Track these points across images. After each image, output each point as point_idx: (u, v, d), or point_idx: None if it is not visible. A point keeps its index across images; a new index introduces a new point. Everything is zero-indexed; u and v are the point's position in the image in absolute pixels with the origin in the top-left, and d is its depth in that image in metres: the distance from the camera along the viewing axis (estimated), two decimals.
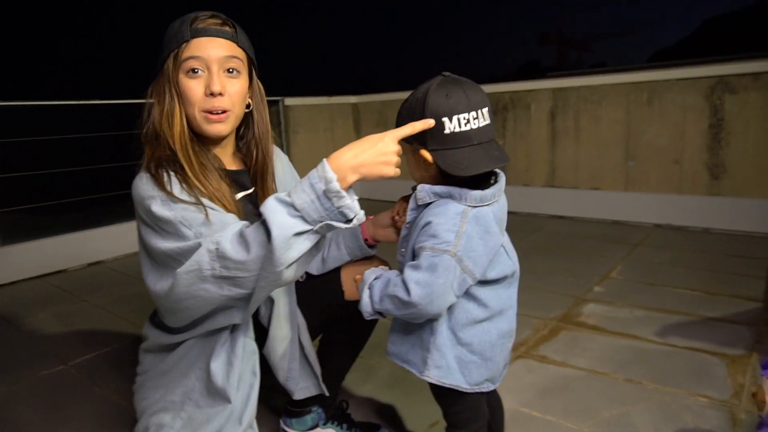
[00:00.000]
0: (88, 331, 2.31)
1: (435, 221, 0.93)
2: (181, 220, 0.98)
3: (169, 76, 1.05)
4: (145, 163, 1.06)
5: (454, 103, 0.92)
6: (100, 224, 3.48)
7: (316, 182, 0.86)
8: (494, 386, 1.06)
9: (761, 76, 3.15)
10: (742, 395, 1.56)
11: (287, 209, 0.87)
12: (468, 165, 0.92)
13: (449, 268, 0.91)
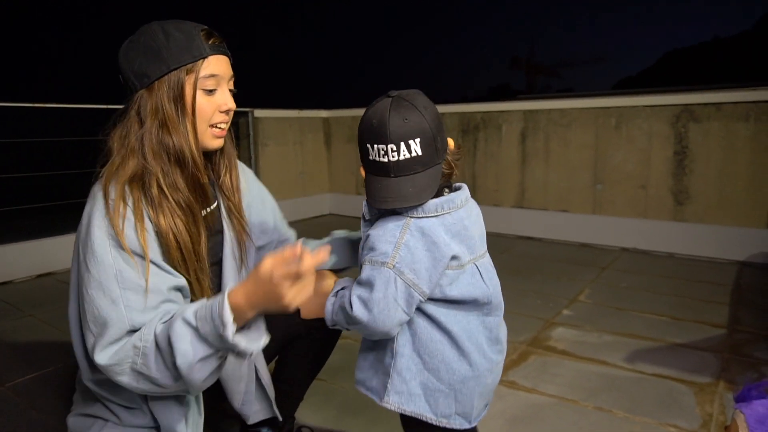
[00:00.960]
0: (30, 349, 2.15)
1: (373, 234, 0.91)
2: (115, 273, 0.91)
3: (182, 91, 1.01)
4: (113, 170, 0.98)
5: (372, 133, 0.90)
6: (50, 233, 3.29)
7: (216, 318, 0.85)
8: (469, 425, 0.98)
9: (723, 107, 3.24)
10: (711, 425, 1.54)
11: (192, 333, 0.87)
12: (375, 197, 0.91)
13: (388, 280, 0.88)
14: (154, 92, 1.00)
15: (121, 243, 0.92)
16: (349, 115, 5.05)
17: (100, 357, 0.90)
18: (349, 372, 0.99)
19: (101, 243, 0.92)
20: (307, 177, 5.04)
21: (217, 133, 1.08)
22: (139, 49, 0.99)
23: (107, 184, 0.96)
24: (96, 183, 1.00)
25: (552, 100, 3.97)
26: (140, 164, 0.98)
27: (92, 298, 0.91)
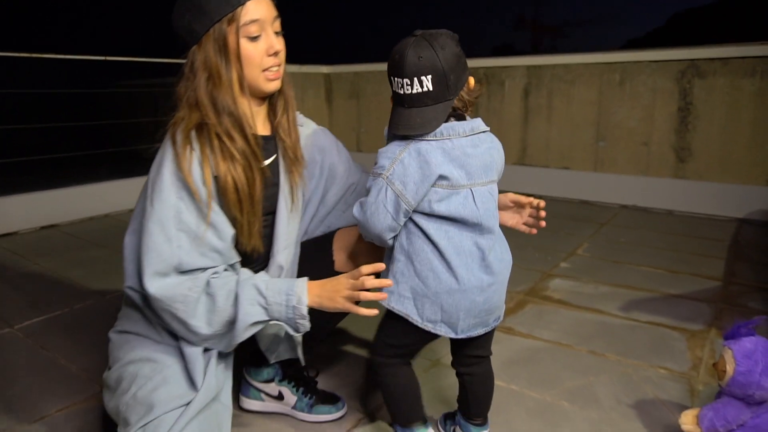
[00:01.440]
0: (37, 294, 2.19)
1: (380, 151, 1.04)
2: (174, 213, 1.00)
3: (225, 42, 1.03)
4: (179, 120, 1.05)
5: (397, 66, 1.00)
6: (55, 186, 3.31)
7: (292, 299, 1.02)
8: (455, 335, 1.06)
9: (730, 62, 3.19)
10: (700, 368, 1.59)
11: (261, 301, 1.02)
12: (391, 123, 1.04)
13: (380, 189, 1.02)
14: (202, 46, 1.04)
15: (188, 185, 1.00)
16: (350, 71, 4.98)
17: (149, 285, 1.00)
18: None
19: (168, 184, 1.00)
20: None
21: (271, 76, 1.10)
22: (186, 5, 1.03)
23: (175, 133, 1.03)
24: (166, 131, 1.06)
25: (556, 55, 3.90)
26: (199, 116, 1.04)
27: (150, 231, 1.00)
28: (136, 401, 1.01)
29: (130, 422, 1.00)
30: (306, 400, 1.36)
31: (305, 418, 1.35)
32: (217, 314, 1.02)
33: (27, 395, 1.47)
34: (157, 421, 0.98)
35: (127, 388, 1.04)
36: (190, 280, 1.01)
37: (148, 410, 0.99)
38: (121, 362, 1.11)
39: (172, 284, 1.00)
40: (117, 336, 1.17)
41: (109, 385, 1.12)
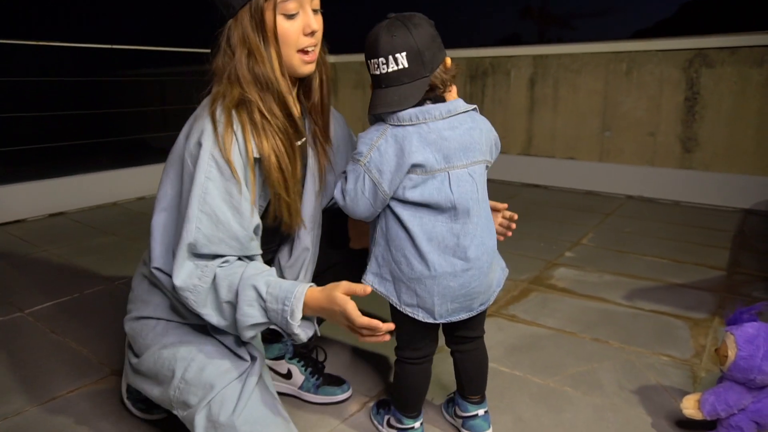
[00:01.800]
0: (46, 280, 2.22)
1: (360, 136, 1.06)
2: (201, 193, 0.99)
3: (262, 19, 1.01)
4: (219, 96, 1.02)
5: (372, 48, 1.02)
6: (63, 174, 3.34)
7: (287, 305, 0.96)
8: (433, 320, 1.07)
9: (738, 51, 3.16)
10: (703, 355, 1.60)
11: (259, 303, 0.98)
12: (370, 105, 1.04)
13: (358, 176, 1.03)
14: (239, 21, 1.01)
15: (224, 166, 0.98)
16: (356, 61, 4.97)
17: (175, 270, 1.00)
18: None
19: (203, 162, 0.98)
20: None
21: (306, 59, 1.07)
22: None
23: (215, 110, 1.00)
24: (204, 106, 1.04)
25: (563, 44, 3.88)
26: (240, 92, 1.02)
27: (182, 211, 1.01)
28: (189, 384, 1.02)
29: (190, 404, 1.01)
30: (313, 380, 1.38)
31: (311, 399, 1.38)
32: (221, 307, 1.01)
33: (39, 377, 1.49)
34: (221, 396, 1.00)
35: (171, 374, 1.05)
36: (201, 269, 1.00)
37: (207, 389, 1.01)
38: (151, 349, 1.10)
39: (187, 272, 0.99)
40: (136, 323, 1.16)
41: (142, 372, 1.12)
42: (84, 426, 1.28)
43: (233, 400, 1.00)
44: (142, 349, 1.13)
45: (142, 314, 1.15)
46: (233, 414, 0.99)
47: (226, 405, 1.00)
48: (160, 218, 1.09)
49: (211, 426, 0.99)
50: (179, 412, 1.05)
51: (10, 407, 1.36)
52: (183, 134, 1.08)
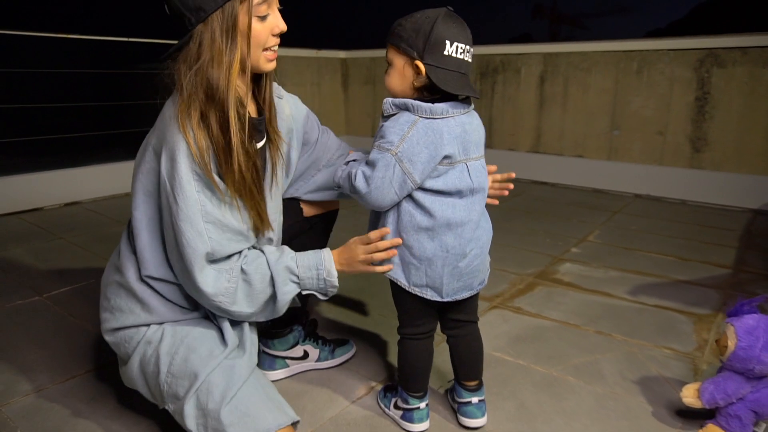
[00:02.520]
0: (63, 266, 2.28)
1: (387, 125, 1.08)
2: (200, 208, 1.01)
3: (235, 22, 1.00)
4: (185, 108, 1.00)
5: (457, 33, 1.06)
6: (79, 164, 3.40)
7: (322, 272, 1.12)
8: (440, 298, 1.13)
9: (750, 51, 3.17)
10: (705, 349, 1.62)
11: (293, 279, 1.10)
12: (453, 85, 1.06)
13: (389, 165, 1.05)
14: (208, 25, 0.99)
15: (206, 178, 1.00)
16: (367, 56, 5.01)
17: (201, 283, 1.03)
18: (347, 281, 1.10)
19: (188, 180, 1.00)
20: (323, 119, 5.03)
21: (270, 57, 1.09)
22: None
23: (184, 123, 0.99)
24: (170, 118, 1.01)
25: (573, 43, 3.89)
26: (202, 102, 1.00)
27: (181, 230, 1.01)
28: (175, 377, 1.05)
29: (179, 395, 1.04)
30: (326, 348, 1.50)
31: (331, 365, 1.50)
32: (255, 297, 1.08)
33: (58, 357, 1.55)
34: (207, 383, 1.02)
35: (157, 370, 1.07)
36: (227, 272, 1.05)
37: (192, 379, 1.03)
38: (136, 351, 1.12)
39: (213, 279, 1.03)
40: (117, 334, 1.17)
41: (131, 376, 1.14)
42: (101, 402, 1.33)
43: (220, 387, 1.02)
44: (126, 356, 1.16)
45: (124, 324, 1.14)
46: (222, 401, 1.00)
47: (213, 392, 1.01)
48: (144, 238, 1.10)
49: (200, 414, 1.01)
50: (170, 407, 1.06)
51: (32, 384, 1.41)
52: (151, 148, 1.07)
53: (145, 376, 1.11)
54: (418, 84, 1.09)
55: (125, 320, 1.14)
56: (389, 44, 1.11)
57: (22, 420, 1.26)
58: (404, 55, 1.08)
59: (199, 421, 1.01)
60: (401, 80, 1.11)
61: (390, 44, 1.10)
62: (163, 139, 1.02)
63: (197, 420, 1.01)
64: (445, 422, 1.27)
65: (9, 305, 1.89)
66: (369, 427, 1.25)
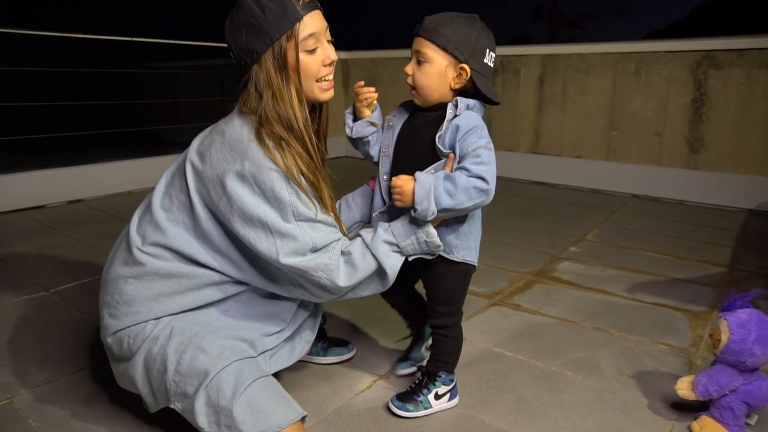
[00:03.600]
0: (68, 262, 2.31)
1: (479, 125, 1.14)
2: (293, 208, 1.07)
3: (285, 59, 1.08)
4: (256, 130, 1.08)
5: (492, 42, 1.16)
6: (82, 163, 3.43)
7: (419, 233, 1.14)
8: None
9: (746, 53, 3.21)
10: (700, 344, 1.66)
11: (394, 249, 1.15)
12: (491, 91, 1.18)
13: (493, 160, 1.13)
14: (263, 65, 1.08)
15: (294, 182, 1.08)
16: (367, 57, 5.04)
17: (288, 260, 1.08)
18: None
19: (279, 186, 1.06)
20: None
21: (325, 86, 1.16)
22: (241, 27, 1.07)
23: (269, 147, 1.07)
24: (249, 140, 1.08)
25: (572, 44, 3.93)
26: (278, 132, 1.09)
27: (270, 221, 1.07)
28: (183, 375, 1.07)
29: (188, 394, 1.06)
30: (320, 344, 1.51)
31: (320, 361, 1.51)
32: (358, 273, 1.13)
33: (66, 350, 1.58)
34: (217, 381, 1.05)
35: (164, 368, 1.08)
36: (326, 252, 1.11)
37: (202, 377, 1.05)
38: (141, 349, 1.13)
39: (311, 258, 1.09)
40: (120, 334, 1.17)
41: (133, 377, 1.14)
42: (109, 394, 1.36)
43: (231, 384, 1.04)
44: (129, 354, 1.15)
45: (133, 322, 1.15)
46: (233, 397, 1.02)
47: (224, 389, 1.03)
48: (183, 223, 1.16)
49: (212, 411, 1.03)
50: (178, 405, 1.08)
51: (42, 376, 1.44)
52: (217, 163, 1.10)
53: (148, 374, 1.12)
54: (458, 86, 1.16)
55: (131, 319, 1.14)
56: (430, 41, 1.13)
57: (33, 410, 1.29)
58: (450, 56, 1.13)
59: (211, 418, 1.03)
60: (440, 79, 1.15)
61: (432, 42, 1.13)
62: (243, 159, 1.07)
63: (209, 417, 1.03)
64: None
65: (16, 300, 1.92)
66: (372, 419, 1.28)
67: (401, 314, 1.50)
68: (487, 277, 2.19)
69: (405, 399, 1.30)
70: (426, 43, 1.14)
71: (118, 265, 1.20)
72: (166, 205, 1.18)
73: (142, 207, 1.25)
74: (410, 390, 1.32)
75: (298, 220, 1.09)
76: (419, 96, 1.19)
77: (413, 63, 1.17)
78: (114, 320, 1.17)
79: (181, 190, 1.17)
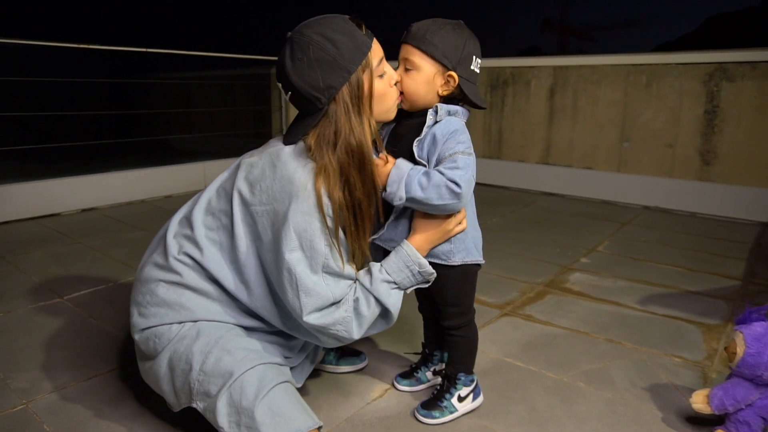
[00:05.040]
0: (83, 269, 2.34)
1: (459, 130, 1.15)
2: (324, 261, 1.09)
3: (361, 89, 1.08)
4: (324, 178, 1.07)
5: (479, 49, 1.18)
6: (96, 171, 3.48)
7: (411, 265, 1.17)
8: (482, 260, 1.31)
9: (759, 66, 3.20)
10: (715, 358, 1.64)
11: (392, 287, 1.17)
12: (479, 98, 1.19)
13: (471, 165, 1.13)
14: (340, 100, 1.07)
15: (330, 238, 1.09)
16: None
17: (310, 319, 1.09)
18: None
19: (318, 233, 1.07)
20: None
21: (396, 103, 1.19)
22: (314, 65, 1.04)
23: (319, 185, 1.06)
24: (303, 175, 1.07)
25: (583, 56, 3.94)
26: (338, 164, 1.08)
27: (304, 276, 1.08)
28: (208, 375, 1.08)
29: (211, 393, 1.07)
30: (333, 353, 1.53)
31: (333, 370, 1.52)
32: (366, 320, 1.15)
33: (81, 356, 1.59)
34: (240, 381, 1.06)
35: (188, 367, 1.10)
36: (342, 305, 1.12)
37: (226, 377, 1.07)
38: (167, 349, 1.15)
39: (329, 313, 1.10)
40: (149, 331, 1.19)
41: (158, 375, 1.16)
42: (123, 400, 1.37)
43: (254, 386, 1.05)
44: (154, 353, 1.18)
45: (160, 323, 1.18)
46: (256, 399, 1.04)
47: (247, 390, 1.05)
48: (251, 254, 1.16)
49: (234, 411, 1.04)
50: (200, 405, 1.09)
51: (57, 382, 1.45)
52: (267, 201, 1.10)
53: (172, 373, 1.14)
54: (445, 92, 1.16)
55: (162, 318, 1.17)
56: (418, 49, 1.14)
57: (48, 416, 1.31)
58: (438, 63, 1.14)
59: (232, 418, 1.04)
60: (427, 87, 1.16)
61: (420, 50, 1.13)
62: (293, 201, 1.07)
63: (229, 417, 1.05)
64: None
65: (31, 306, 1.94)
66: (384, 427, 1.28)
67: (425, 320, 1.48)
68: (498, 287, 2.18)
69: (430, 407, 1.31)
70: (414, 51, 1.14)
71: (152, 267, 1.23)
72: (208, 223, 1.19)
73: (182, 213, 1.27)
74: (433, 397, 1.34)
75: (326, 272, 1.10)
76: (406, 102, 1.20)
77: (401, 69, 1.18)
78: (142, 319, 1.20)
79: (225, 214, 1.17)
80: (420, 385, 1.44)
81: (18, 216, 3.10)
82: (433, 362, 1.46)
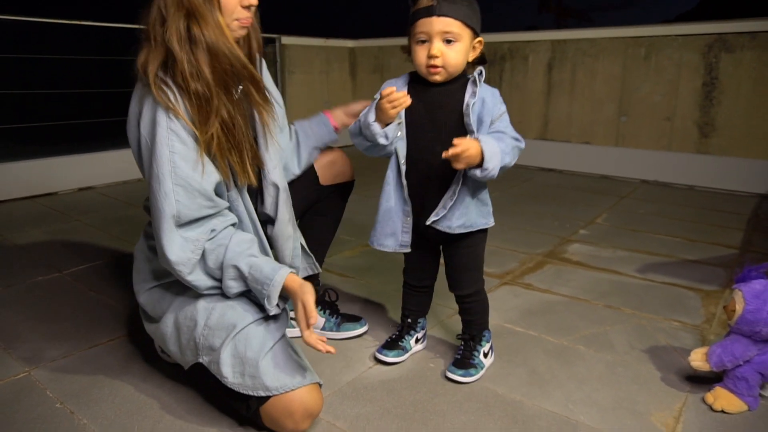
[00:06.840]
0: (81, 245, 2.33)
1: (496, 91, 1.24)
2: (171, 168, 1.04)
3: None
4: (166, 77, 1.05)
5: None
6: (92, 150, 3.45)
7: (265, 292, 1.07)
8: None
9: (759, 36, 3.17)
10: (713, 321, 1.65)
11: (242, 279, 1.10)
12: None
13: None
14: None
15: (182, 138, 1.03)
16: (375, 45, 5.02)
17: (167, 246, 1.05)
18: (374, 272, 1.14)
19: (162, 138, 1.03)
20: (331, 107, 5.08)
21: (244, 23, 1.11)
22: None
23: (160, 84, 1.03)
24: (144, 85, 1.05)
25: (581, 30, 3.90)
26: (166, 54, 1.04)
27: (152, 189, 1.05)
28: (212, 329, 1.09)
29: (215, 347, 1.08)
30: (333, 320, 1.53)
31: (334, 336, 1.52)
32: (210, 275, 1.10)
33: (80, 327, 1.59)
34: (245, 333, 1.08)
35: (193, 324, 1.11)
36: (192, 243, 1.07)
37: (229, 329, 1.08)
38: (171, 307, 1.17)
39: (178, 247, 1.05)
40: (150, 293, 1.23)
41: (164, 334, 1.17)
42: (124, 368, 1.38)
43: (259, 338, 1.07)
44: (160, 313, 1.20)
45: (157, 282, 1.21)
46: (261, 350, 1.05)
47: (252, 342, 1.06)
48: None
49: (238, 362, 1.06)
50: (204, 359, 1.10)
51: (58, 352, 1.46)
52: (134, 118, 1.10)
53: (178, 331, 1.15)
54: (474, 58, 1.21)
55: (155, 280, 1.22)
56: (456, 20, 1.13)
57: (51, 382, 1.31)
58: (472, 31, 1.17)
59: (236, 369, 1.06)
60: (465, 56, 1.19)
61: (458, 20, 1.13)
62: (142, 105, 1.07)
63: (234, 368, 1.06)
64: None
65: (30, 281, 1.94)
66: (386, 390, 1.29)
67: (412, 290, 1.47)
68: (498, 258, 2.19)
69: (464, 365, 1.33)
70: (453, 22, 1.13)
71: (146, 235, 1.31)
72: None
73: None
74: (461, 356, 1.36)
75: (175, 183, 1.04)
76: (444, 74, 1.18)
77: (439, 43, 1.14)
78: (144, 283, 1.25)
79: None
80: (405, 354, 1.43)
81: (14, 195, 3.08)
82: (416, 330, 1.46)
